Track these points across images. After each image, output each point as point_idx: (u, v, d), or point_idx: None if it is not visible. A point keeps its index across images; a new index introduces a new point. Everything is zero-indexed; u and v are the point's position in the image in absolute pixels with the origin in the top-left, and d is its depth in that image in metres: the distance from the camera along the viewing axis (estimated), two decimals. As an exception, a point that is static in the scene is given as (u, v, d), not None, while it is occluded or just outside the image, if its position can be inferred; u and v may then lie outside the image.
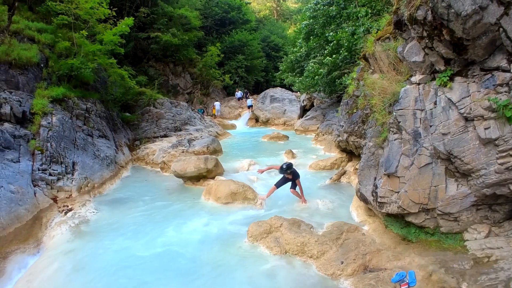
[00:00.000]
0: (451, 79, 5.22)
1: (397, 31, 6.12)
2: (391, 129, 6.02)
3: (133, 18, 15.95)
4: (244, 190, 8.93)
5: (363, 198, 6.81)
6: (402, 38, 6.07)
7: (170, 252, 6.57)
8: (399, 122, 5.73)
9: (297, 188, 8.84)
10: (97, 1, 13.80)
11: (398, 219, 6.13)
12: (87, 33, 13.83)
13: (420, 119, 5.58)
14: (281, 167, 8.70)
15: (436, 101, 5.39)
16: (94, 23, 14.55)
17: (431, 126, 5.44)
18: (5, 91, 9.74)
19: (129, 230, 7.64)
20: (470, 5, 4.29)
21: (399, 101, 5.80)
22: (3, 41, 10.84)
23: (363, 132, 9.16)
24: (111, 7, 14.92)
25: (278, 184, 8.98)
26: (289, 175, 8.73)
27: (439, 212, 5.50)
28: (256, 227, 6.78)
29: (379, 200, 6.08)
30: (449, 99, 5.20)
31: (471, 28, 4.46)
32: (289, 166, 8.70)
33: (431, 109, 5.43)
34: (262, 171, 9.91)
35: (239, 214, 8.21)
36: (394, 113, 5.86)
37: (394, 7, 5.96)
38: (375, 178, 6.39)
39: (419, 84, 5.70)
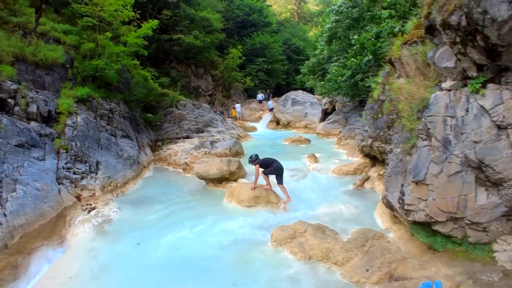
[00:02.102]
0: (484, 85, 5.11)
1: (428, 36, 6.01)
2: (420, 135, 5.91)
3: (157, 21, 16.18)
4: (267, 194, 8.93)
5: (389, 205, 6.70)
6: (433, 43, 5.96)
7: (192, 254, 6.60)
8: (429, 128, 5.63)
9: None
10: (121, 4, 14.05)
11: (425, 227, 6.01)
12: (111, 35, 14.10)
13: (451, 126, 5.46)
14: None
15: (468, 108, 5.27)
16: (118, 25, 14.80)
17: (462, 133, 5.32)
18: (32, 90, 9.98)
19: (151, 230, 7.72)
20: (506, 11, 4.19)
21: (429, 107, 5.70)
22: (30, 42, 11.16)
23: (388, 137, 9.03)
24: (135, 9, 15.15)
25: (267, 172, 9.53)
26: (256, 166, 9.45)
27: (468, 222, 5.37)
28: (280, 232, 6.76)
29: (406, 207, 5.98)
30: (481, 106, 5.09)
31: (507, 34, 4.35)
32: (251, 157, 9.92)
33: (462, 116, 5.32)
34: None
35: (261, 217, 8.17)
36: (424, 120, 5.75)
37: (425, 12, 5.86)
38: (402, 185, 6.28)
39: (450, 90, 5.59)
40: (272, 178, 9.56)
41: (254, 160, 9.73)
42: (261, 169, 9.43)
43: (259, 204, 8.80)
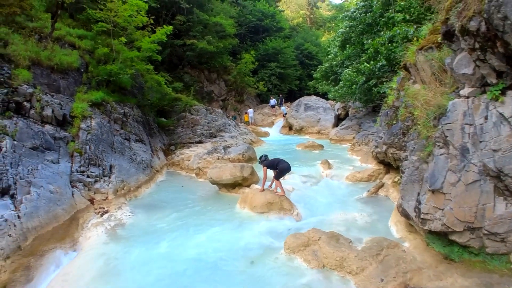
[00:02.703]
0: (503, 93, 4.99)
1: (445, 42, 5.90)
2: (437, 143, 5.79)
3: (171, 27, 16.34)
4: (280, 200, 8.86)
5: (404, 214, 6.59)
6: (451, 49, 5.85)
7: (205, 261, 6.57)
8: (446, 136, 5.51)
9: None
10: (135, 9, 14.28)
11: (441, 237, 5.88)
12: (125, 40, 14.34)
13: (469, 134, 5.34)
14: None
15: (486, 116, 5.15)
16: (132, 30, 15.06)
17: (480, 141, 5.20)
18: (47, 94, 10.13)
19: (164, 236, 7.72)
20: (528, 17, 4.09)
21: (447, 115, 5.58)
22: (46, 47, 11.35)
23: (403, 144, 8.90)
24: (149, 15, 15.37)
25: (277, 176, 9.68)
26: (263, 168, 9.84)
27: (486, 232, 5.23)
28: (293, 239, 6.69)
29: (422, 216, 5.86)
30: (501, 114, 4.97)
31: (528, 40, 4.25)
32: (260, 157, 10.37)
33: (481, 124, 5.20)
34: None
35: (275, 224, 8.13)
36: (441, 127, 5.64)
37: (442, 17, 5.76)
38: (418, 194, 6.16)
39: (468, 97, 5.47)
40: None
41: (263, 161, 10.07)
42: (270, 172, 9.83)
43: (272, 210, 8.73)
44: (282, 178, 10.08)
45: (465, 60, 5.37)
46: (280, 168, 9.59)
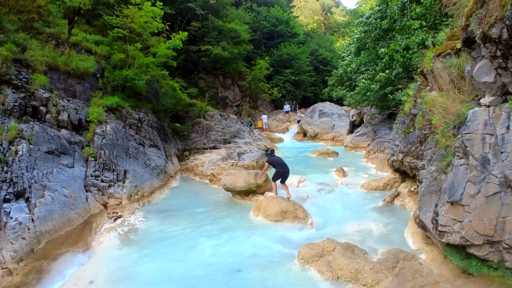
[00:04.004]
0: (526, 102, 4.81)
1: (465, 49, 5.74)
2: (457, 153, 5.62)
3: (186, 33, 16.44)
4: (295, 209, 8.74)
5: (421, 225, 6.40)
6: (471, 56, 5.68)
7: (217, 269, 6.51)
8: (466, 146, 5.34)
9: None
10: (151, 16, 14.42)
11: (459, 249, 5.68)
12: (141, 46, 14.49)
13: (490, 144, 5.16)
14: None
15: (508, 126, 4.97)
16: (147, 36, 15.18)
17: (502, 152, 5.02)
18: (64, 99, 10.25)
19: (176, 242, 7.69)
20: (552, 24, 3.94)
21: (467, 124, 5.41)
22: (63, 52, 11.52)
23: (420, 153, 8.71)
24: (164, 21, 15.54)
25: (274, 178, 10.12)
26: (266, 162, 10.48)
27: (506, 246, 5.03)
28: (307, 249, 6.56)
29: (439, 228, 5.68)
30: (523, 124, 4.79)
31: (552, 48, 4.09)
32: (267, 150, 11.31)
33: (502, 134, 5.02)
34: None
35: (288, 233, 8.01)
36: (461, 137, 5.47)
37: (462, 24, 5.60)
38: (436, 205, 5.99)
39: (489, 106, 5.29)
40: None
41: (268, 154, 10.75)
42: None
43: (286, 219, 8.62)
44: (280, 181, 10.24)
45: (486, 68, 5.20)
46: (277, 170, 10.00)
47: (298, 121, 31.42)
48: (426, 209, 6.24)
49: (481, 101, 5.46)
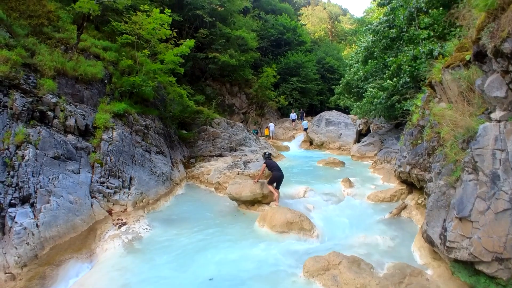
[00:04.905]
0: (538, 117, 4.72)
1: (476, 63, 5.67)
2: (466, 168, 5.52)
3: (194, 40, 16.53)
4: (300, 220, 8.63)
5: (429, 240, 6.29)
6: (482, 70, 5.61)
7: (220, 280, 6.43)
8: (476, 162, 5.24)
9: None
10: (159, 23, 14.53)
11: (467, 266, 5.54)
12: (149, 52, 14.58)
13: (500, 160, 5.06)
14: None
15: (520, 142, 4.88)
16: (155, 43, 15.29)
17: (512, 168, 4.92)
18: (71, 104, 10.29)
19: (181, 252, 7.62)
20: None
21: (477, 139, 5.32)
22: (71, 58, 11.62)
23: (428, 165, 8.59)
24: (172, 28, 15.65)
25: (270, 182, 10.66)
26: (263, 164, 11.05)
27: (515, 263, 4.90)
28: (313, 263, 6.47)
29: (447, 244, 5.56)
30: (535, 140, 4.70)
31: None
32: (264, 153, 11.68)
33: (513, 150, 4.92)
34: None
35: (294, 245, 7.91)
36: (471, 152, 5.38)
37: (473, 37, 5.53)
38: (444, 220, 5.88)
39: (499, 121, 5.20)
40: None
41: (265, 157, 11.35)
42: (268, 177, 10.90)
43: (292, 230, 8.52)
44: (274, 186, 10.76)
45: (497, 82, 5.12)
46: (274, 174, 10.64)
47: (305, 129, 31.32)
48: (434, 224, 6.14)
49: (492, 115, 5.37)
